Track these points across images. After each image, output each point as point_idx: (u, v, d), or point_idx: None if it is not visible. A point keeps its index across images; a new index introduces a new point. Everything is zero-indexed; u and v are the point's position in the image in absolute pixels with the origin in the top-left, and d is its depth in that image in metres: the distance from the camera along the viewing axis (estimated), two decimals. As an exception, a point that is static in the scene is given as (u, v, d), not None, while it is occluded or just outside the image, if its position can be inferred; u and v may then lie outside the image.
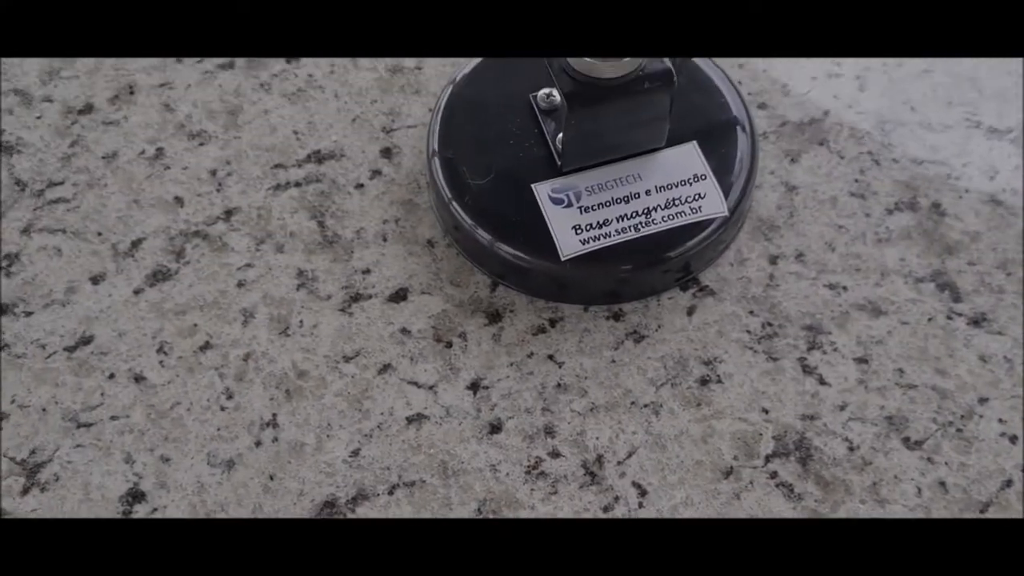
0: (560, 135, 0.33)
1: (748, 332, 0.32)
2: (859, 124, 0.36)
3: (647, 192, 0.32)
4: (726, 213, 0.32)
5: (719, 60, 0.36)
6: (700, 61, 0.35)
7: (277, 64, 0.39)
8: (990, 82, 0.37)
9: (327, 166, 0.36)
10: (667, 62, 0.31)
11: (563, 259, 0.31)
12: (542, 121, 0.34)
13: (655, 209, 0.32)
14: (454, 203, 0.33)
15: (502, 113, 0.34)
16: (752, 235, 0.34)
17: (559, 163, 0.33)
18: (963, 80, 0.37)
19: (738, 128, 0.34)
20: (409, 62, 0.38)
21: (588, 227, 0.32)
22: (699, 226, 0.32)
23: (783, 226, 0.34)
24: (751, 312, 0.33)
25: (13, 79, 0.39)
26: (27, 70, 0.39)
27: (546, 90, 0.34)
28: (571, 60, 0.30)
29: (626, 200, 0.32)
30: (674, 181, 0.33)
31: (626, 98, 0.31)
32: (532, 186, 0.33)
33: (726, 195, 0.32)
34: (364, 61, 0.39)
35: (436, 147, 0.34)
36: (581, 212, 0.32)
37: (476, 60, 0.36)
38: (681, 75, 0.32)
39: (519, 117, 0.34)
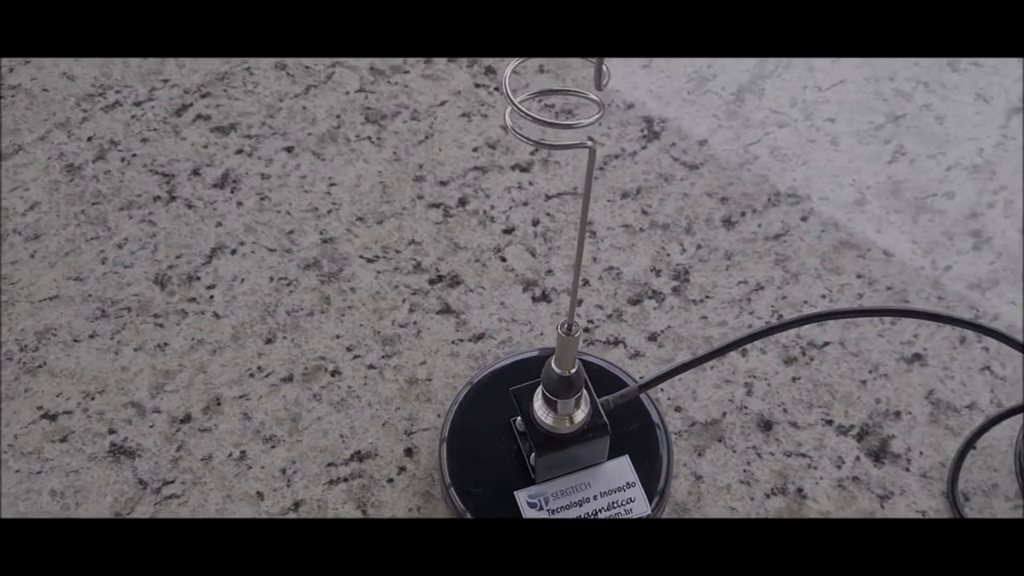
0: (533, 454, 0.47)
1: (667, 595, 0.46)
2: (747, 423, 0.51)
3: (594, 497, 0.46)
4: (650, 512, 0.46)
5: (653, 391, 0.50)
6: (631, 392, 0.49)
7: (324, 377, 0.53)
8: (840, 387, 0.52)
9: (366, 464, 0.50)
10: (604, 417, 0.45)
11: (537, 551, 0.45)
12: (520, 441, 0.48)
13: (600, 511, 0.46)
14: (460, 504, 0.47)
15: (491, 435, 0.48)
16: (670, 516, 0.48)
17: (533, 476, 0.47)
18: (821, 386, 0.52)
19: (660, 443, 0.48)
20: (421, 374, 0.53)
21: (554, 526, 0.46)
22: (632, 522, 0.46)
23: (692, 509, 0.48)
24: (669, 579, 0.47)
25: (129, 392, 0.52)
26: (139, 385, 0.53)
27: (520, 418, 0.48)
28: (537, 420, 0.44)
29: (580, 504, 0.46)
30: (613, 487, 0.47)
31: (577, 444, 0.45)
32: (514, 493, 0.47)
33: (650, 498, 0.47)
34: (389, 373, 0.53)
35: (446, 460, 0.48)
36: (550, 515, 0.46)
37: (469, 387, 0.50)
38: (619, 407, 0.46)
39: (504, 436, 0.48)
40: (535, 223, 0.58)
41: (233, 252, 0.57)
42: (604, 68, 0.32)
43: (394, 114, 0.63)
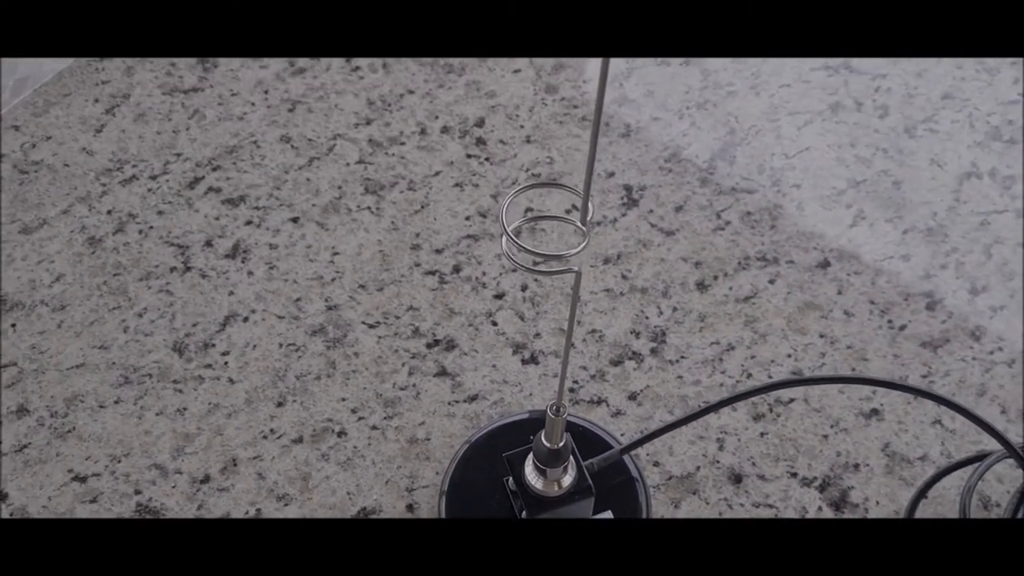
0: (524, 512, 0.51)
1: (647, 638, 0.51)
2: (719, 476, 0.56)
3: (580, 550, 0.51)
4: (630, 563, 0.51)
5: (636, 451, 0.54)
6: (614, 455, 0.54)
7: (332, 438, 0.57)
8: (804, 442, 0.57)
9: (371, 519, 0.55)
10: (589, 479, 0.50)
11: (529, 601, 0.50)
12: (512, 499, 0.52)
13: (585, 563, 0.51)
14: (458, 558, 0.51)
15: (485, 492, 0.53)
16: (650, 564, 0.53)
17: (524, 531, 0.51)
18: (786, 441, 0.57)
19: (639, 497, 0.53)
20: (420, 434, 0.57)
21: (544, 578, 0.50)
22: None
23: (669, 558, 0.53)
24: (649, 623, 0.51)
25: (152, 454, 0.57)
26: (161, 447, 0.57)
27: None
28: (528, 484, 0.49)
29: (567, 557, 0.51)
30: (597, 541, 0.51)
31: (564, 505, 0.49)
32: (507, 547, 0.51)
33: (630, 550, 0.51)
34: (391, 433, 0.57)
35: (444, 515, 0.52)
36: (539, 567, 0.51)
37: (466, 446, 0.55)
38: (604, 466, 0.51)
39: (498, 494, 0.53)
40: (524, 288, 0.63)
41: (245, 320, 0.62)
42: (589, 205, 0.37)
43: (392, 184, 0.67)
